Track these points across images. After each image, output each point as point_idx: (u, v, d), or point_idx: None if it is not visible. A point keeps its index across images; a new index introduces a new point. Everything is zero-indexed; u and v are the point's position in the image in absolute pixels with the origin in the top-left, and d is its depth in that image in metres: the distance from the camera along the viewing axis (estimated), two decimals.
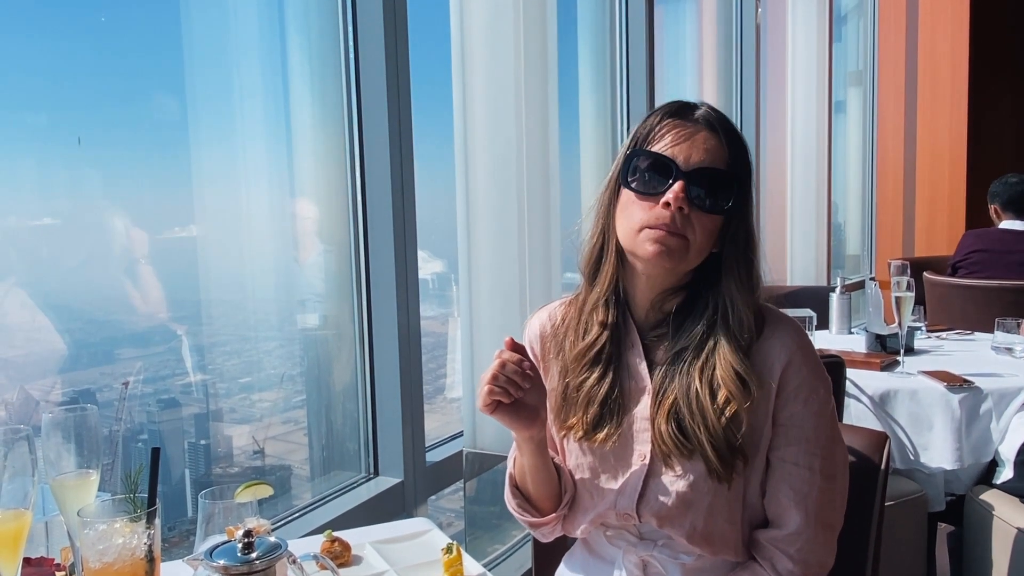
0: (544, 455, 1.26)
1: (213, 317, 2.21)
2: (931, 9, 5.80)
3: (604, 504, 1.25)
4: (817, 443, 1.20)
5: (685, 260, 1.18)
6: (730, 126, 1.20)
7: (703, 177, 1.16)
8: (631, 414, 1.24)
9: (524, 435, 1.22)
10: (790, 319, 1.25)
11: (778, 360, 1.19)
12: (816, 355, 1.24)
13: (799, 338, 1.22)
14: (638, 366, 1.24)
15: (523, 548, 2.69)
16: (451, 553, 1.35)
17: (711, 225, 1.18)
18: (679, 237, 1.15)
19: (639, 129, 1.23)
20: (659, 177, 1.17)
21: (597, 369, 1.24)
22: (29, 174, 1.82)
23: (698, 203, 1.16)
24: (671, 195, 1.14)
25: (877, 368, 2.68)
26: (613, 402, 1.23)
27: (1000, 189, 3.95)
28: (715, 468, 1.16)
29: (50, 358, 1.89)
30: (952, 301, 3.76)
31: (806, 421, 1.20)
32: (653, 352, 1.25)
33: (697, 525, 1.20)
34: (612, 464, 1.25)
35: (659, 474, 1.21)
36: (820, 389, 1.21)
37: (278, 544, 1.00)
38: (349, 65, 2.23)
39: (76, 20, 1.88)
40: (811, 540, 1.20)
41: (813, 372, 1.21)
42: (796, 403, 1.20)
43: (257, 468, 2.26)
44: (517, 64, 2.43)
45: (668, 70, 4.29)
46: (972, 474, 2.52)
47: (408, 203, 2.25)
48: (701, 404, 1.16)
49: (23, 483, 1.09)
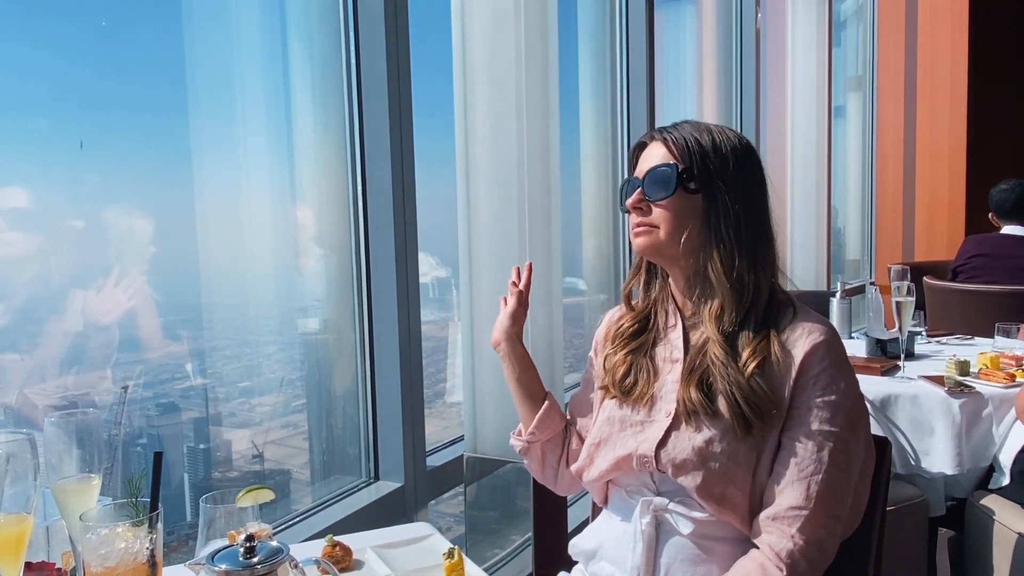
0: (527, 369, 1.56)
1: (213, 321, 2.21)
2: (930, 14, 5.81)
3: (627, 448, 1.37)
4: (831, 433, 1.25)
5: (660, 245, 1.36)
6: (680, 131, 1.37)
7: (651, 176, 1.36)
8: (663, 378, 1.39)
9: (509, 332, 1.55)
10: (826, 321, 1.34)
11: (801, 346, 1.28)
12: (845, 356, 1.31)
13: (829, 336, 1.30)
14: (676, 341, 1.40)
15: (524, 552, 2.69)
16: (452, 558, 1.35)
17: (673, 209, 1.34)
18: (647, 228, 1.35)
19: (629, 159, 1.46)
20: (628, 194, 1.39)
21: (631, 343, 1.44)
22: (30, 178, 1.82)
23: (651, 196, 1.35)
24: (629, 201, 1.38)
25: (878, 373, 2.67)
26: (644, 370, 1.40)
27: (993, 195, 3.97)
28: (743, 415, 1.25)
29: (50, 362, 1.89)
30: (952, 306, 3.77)
31: (822, 410, 1.26)
32: (693, 331, 1.40)
33: (709, 480, 1.27)
34: (640, 417, 1.38)
35: (680, 427, 1.32)
36: (841, 383, 1.27)
37: (280, 548, 1.00)
38: (350, 69, 2.24)
39: (77, 24, 1.89)
40: (809, 519, 1.22)
41: (836, 366, 1.28)
42: (814, 391, 1.27)
43: (257, 472, 2.26)
44: (518, 68, 2.44)
45: (668, 75, 4.30)
46: (973, 479, 2.52)
47: (409, 207, 2.25)
48: (726, 364, 1.29)
49: (25, 488, 1.08)
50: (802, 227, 5.28)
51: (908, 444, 2.50)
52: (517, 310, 1.56)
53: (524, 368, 1.57)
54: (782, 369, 1.28)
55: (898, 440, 2.49)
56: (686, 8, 4.48)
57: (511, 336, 1.56)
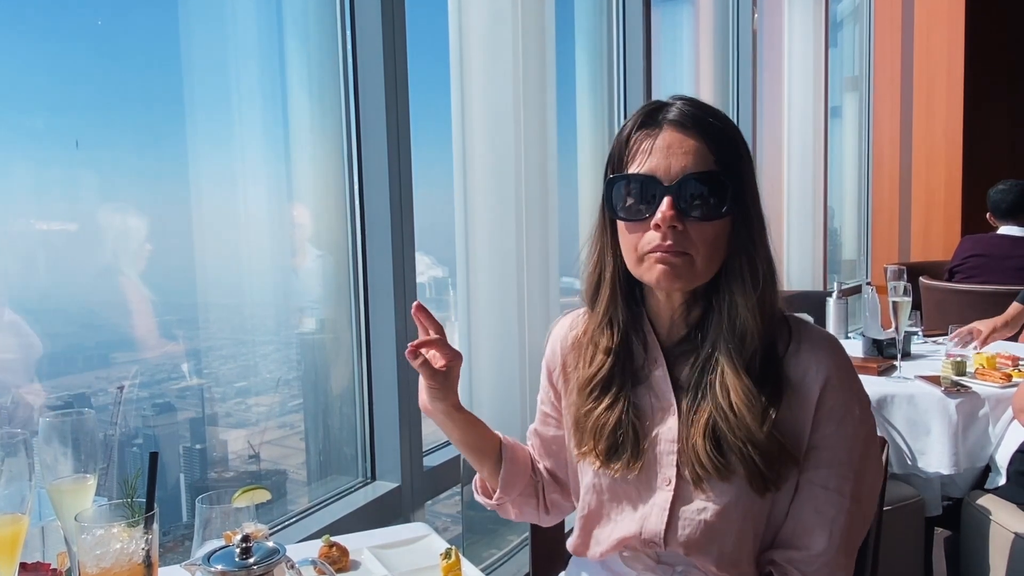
0: (472, 431, 1.30)
1: (209, 321, 2.20)
2: (927, 14, 5.82)
3: (626, 530, 1.19)
4: (849, 465, 1.13)
5: (695, 276, 1.09)
6: (708, 117, 1.10)
7: (690, 185, 1.06)
8: (653, 436, 1.16)
9: (438, 404, 1.26)
10: (826, 334, 1.18)
11: (815, 379, 1.12)
12: (854, 373, 1.17)
13: (837, 356, 1.15)
14: (662, 384, 1.17)
15: (521, 553, 2.69)
16: (449, 558, 1.35)
17: (713, 233, 1.08)
18: (681, 255, 1.07)
19: (613, 147, 1.15)
20: (644, 199, 1.08)
21: (605, 398, 1.18)
22: (26, 177, 1.82)
23: (692, 214, 1.07)
24: (659, 216, 1.06)
25: (874, 373, 2.68)
26: (628, 427, 1.16)
27: (990, 195, 3.99)
28: (761, 474, 1.08)
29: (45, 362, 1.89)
30: (949, 306, 3.77)
31: (839, 443, 1.13)
32: (680, 367, 1.17)
33: (725, 551, 1.13)
34: (633, 488, 1.18)
35: (688, 499, 1.14)
36: (856, 409, 1.14)
37: (276, 549, 1.00)
38: (347, 69, 2.23)
39: (73, 23, 1.88)
40: (830, 563, 1.13)
41: (850, 392, 1.14)
42: (829, 424, 1.12)
43: (253, 473, 2.25)
44: (515, 68, 2.44)
45: (665, 75, 4.30)
46: (969, 479, 2.52)
47: (406, 207, 2.25)
48: (740, 416, 1.08)
49: (20, 488, 1.08)
50: (798, 227, 5.28)
51: (904, 444, 2.50)
52: (436, 375, 1.24)
53: (465, 430, 1.30)
54: (796, 407, 1.12)
55: (894, 440, 2.49)
56: (683, 8, 4.48)
57: (443, 408, 1.26)
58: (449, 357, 1.25)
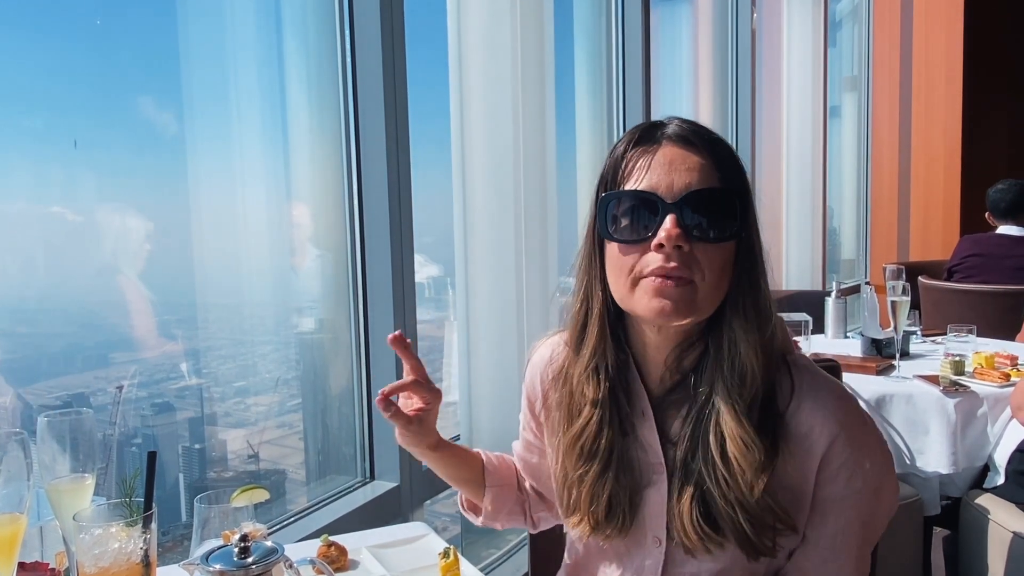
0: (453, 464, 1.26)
1: (208, 321, 2.20)
2: (925, 14, 5.82)
3: None
4: (858, 519, 1.05)
5: (695, 308, 0.97)
6: (711, 136, 1.01)
7: (697, 202, 0.96)
8: (643, 492, 1.07)
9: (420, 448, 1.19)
10: (832, 383, 1.06)
11: (820, 435, 1.01)
12: (865, 423, 1.06)
13: (845, 409, 1.03)
14: (650, 438, 1.07)
15: (519, 552, 2.69)
16: (448, 558, 1.35)
17: (721, 258, 0.97)
18: (683, 283, 0.95)
19: (606, 167, 1.03)
20: (643, 217, 0.97)
21: (596, 462, 1.07)
22: (24, 176, 1.82)
23: (699, 235, 0.96)
24: (663, 234, 0.94)
25: (873, 372, 2.68)
26: (623, 497, 1.06)
27: (989, 195, 3.99)
28: (751, 542, 1.00)
29: (44, 362, 1.89)
30: (948, 305, 3.77)
31: (846, 500, 1.04)
32: (670, 420, 1.07)
33: None
34: (623, 545, 1.11)
35: (681, 562, 1.07)
36: (866, 463, 1.03)
37: (274, 548, 1.00)
38: (346, 69, 2.23)
39: (72, 23, 1.88)
40: None
41: (860, 447, 1.03)
42: (837, 483, 1.03)
43: (252, 472, 2.25)
44: (514, 68, 2.44)
45: (664, 75, 4.30)
46: (967, 478, 2.52)
47: (405, 207, 2.25)
48: (734, 472, 0.98)
49: (18, 487, 1.08)
50: (797, 227, 5.28)
51: (903, 443, 2.50)
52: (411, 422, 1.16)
53: (446, 465, 1.25)
54: (799, 462, 1.02)
55: (893, 439, 2.50)
56: (682, 7, 4.48)
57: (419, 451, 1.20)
58: (426, 401, 1.16)
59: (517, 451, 1.34)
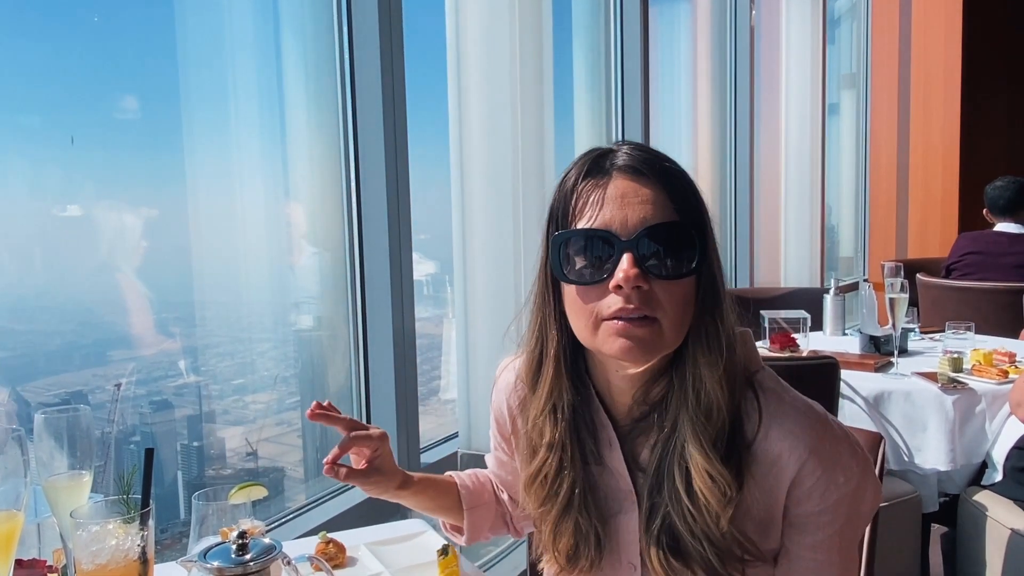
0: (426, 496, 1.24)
1: (206, 319, 2.20)
2: (924, 12, 5.83)
3: None
4: (838, 525, 1.02)
5: (662, 345, 0.96)
6: (663, 164, 0.98)
7: (653, 238, 0.93)
8: (615, 520, 1.06)
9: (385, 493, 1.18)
10: (800, 404, 1.03)
11: (789, 461, 0.99)
12: (838, 440, 1.02)
13: (812, 434, 1.00)
14: (619, 467, 1.05)
15: (518, 550, 2.69)
16: (446, 555, 1.35)
17: (682, 293, 0.95)
18: (646, 322, 0.93)
19: (555, 201, 1.00)
20: (598, 257, 0.94)
21: (555, 505, 1.05)
22: (21, 174, 1.82)
23: (657, 271, 0.94)
24: (621, 275, 0.92)
25: (871, 369, 2.68)
26: (589, 532, 1.05)
27: (987, 192, 3.99)
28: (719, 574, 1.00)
29: (42, 359, 1.89)
30: (946, 303, 3.78)
31: (824, 513, 1.01)
32: (639, 448, 1.05)
33: None
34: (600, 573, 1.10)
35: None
36: (839, 477, 1.00)
37: (273, 546, 1.00)
38: (344, 67, 2.23)
39: (69, 20, 1.88)
40: None
41: (832, 467, 1.00)
42: (811, 501, 1.01)
43: (251, 470, 2.25)
44: (512, 66, 2.43)
45: (663, 73, 4.30)
46: (966, 475, 2.53)
47: (403, 204, 2.25)
48: (701, 505, 0.97)
49: (15, 484, 1.08)
50: (795, 224, 5.28)
51: (901, 440, 2.50)
52: (368, 474, 1.15)
53: (420, 499, 1.24)
54: (765, 492, 1.00)
55: (891, 436, 2.50)
56: (680, 6, 4.47)
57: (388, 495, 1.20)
58: (372, 448, 1.15)
59: (491, 467, 1.33)
